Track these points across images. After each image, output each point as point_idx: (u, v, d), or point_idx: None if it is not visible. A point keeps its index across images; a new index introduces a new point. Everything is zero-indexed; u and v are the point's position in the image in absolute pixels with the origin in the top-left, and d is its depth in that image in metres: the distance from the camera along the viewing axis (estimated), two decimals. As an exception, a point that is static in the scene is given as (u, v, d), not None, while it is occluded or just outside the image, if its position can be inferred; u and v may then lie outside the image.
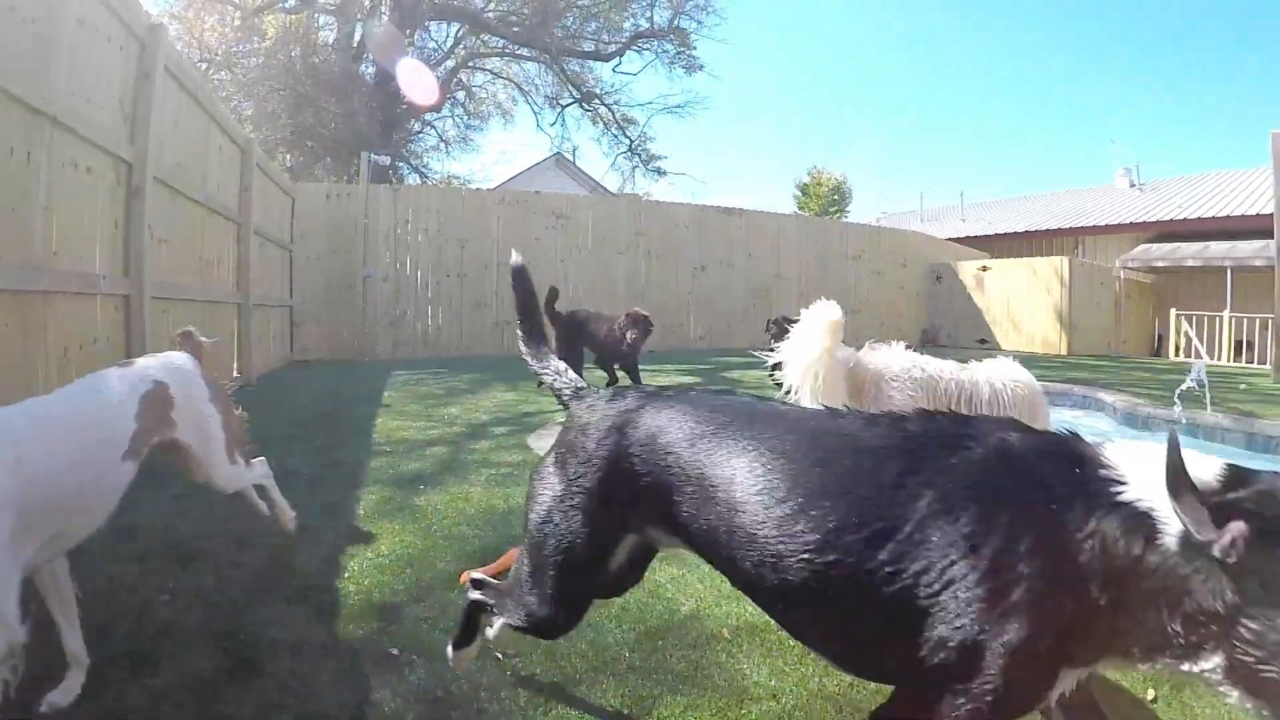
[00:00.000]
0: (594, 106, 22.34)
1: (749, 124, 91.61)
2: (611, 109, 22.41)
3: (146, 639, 2.11)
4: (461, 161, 65.30)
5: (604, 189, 23.16)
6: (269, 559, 2.73)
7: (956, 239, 21.11)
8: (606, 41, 21.81)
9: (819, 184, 34.64)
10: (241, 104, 17.83)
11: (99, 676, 1.80)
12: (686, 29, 21.36)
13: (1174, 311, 15.62)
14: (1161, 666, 1.07)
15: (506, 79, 22.93)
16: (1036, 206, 24.75)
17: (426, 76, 18.90)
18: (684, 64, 21.63)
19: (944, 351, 12.85)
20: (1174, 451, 0.99)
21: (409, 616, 2.32)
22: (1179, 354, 15.22)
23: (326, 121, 18.18)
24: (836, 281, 15.33)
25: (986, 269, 16.42)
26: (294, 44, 18.17)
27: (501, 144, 76.31)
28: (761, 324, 8.82)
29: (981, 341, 15.83)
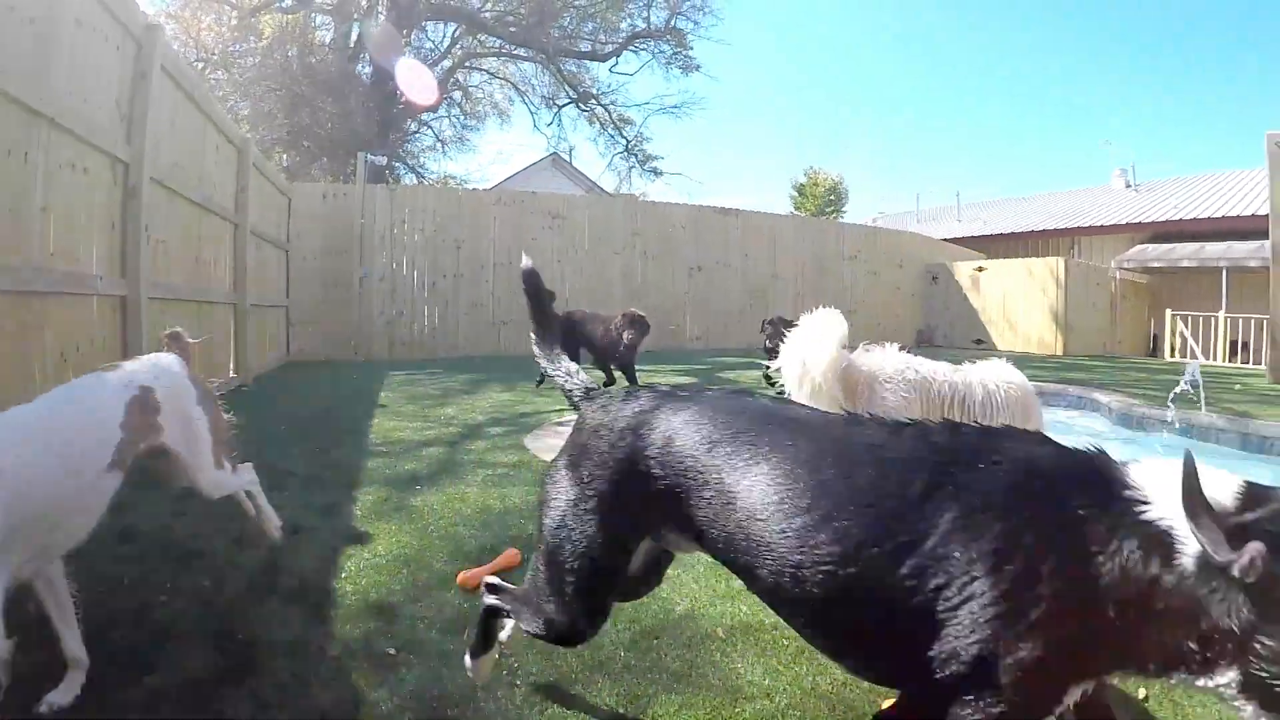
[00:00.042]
0: (591, 107, 22.39)
1: (745, 124, 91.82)
2: (608, 109, 22.46)
3: (145, 639, 2.12)
4: (458, 161, 65.24)
5: (600, 189, 23.17)
6: (266, 559, 2.74)
7: (952, 239, 21.18)
8: (603, 42, 21.86)
9: (815, 184, 34.69)
10: (238, 104, 17.82)
11: (98, 676, 1.81)
12: (683, 29, 21.48)
13: (1169, 312, 15.68)
14: (1176, 681, 1.09)
15: (503, 79, 22.97)
16: (1032, 207, 24.84)
17: (425, 75, 18.91)
18: (681, 64, 21.72)
19: (940, 352, 12.89)
20: (1190, 476, 1.00)
21: (406, 616, 2.33)
22: (1174, 354, 15.27)
23: (323, 121, 18.18)
24: (832, 282, 15.40)
25: (982, 269, 16.46)
26: (291, 44, 18.15)
27: (498, 144, 76.60)
28: (758, 324, 8.90)
29: (977, 342, 15.87)
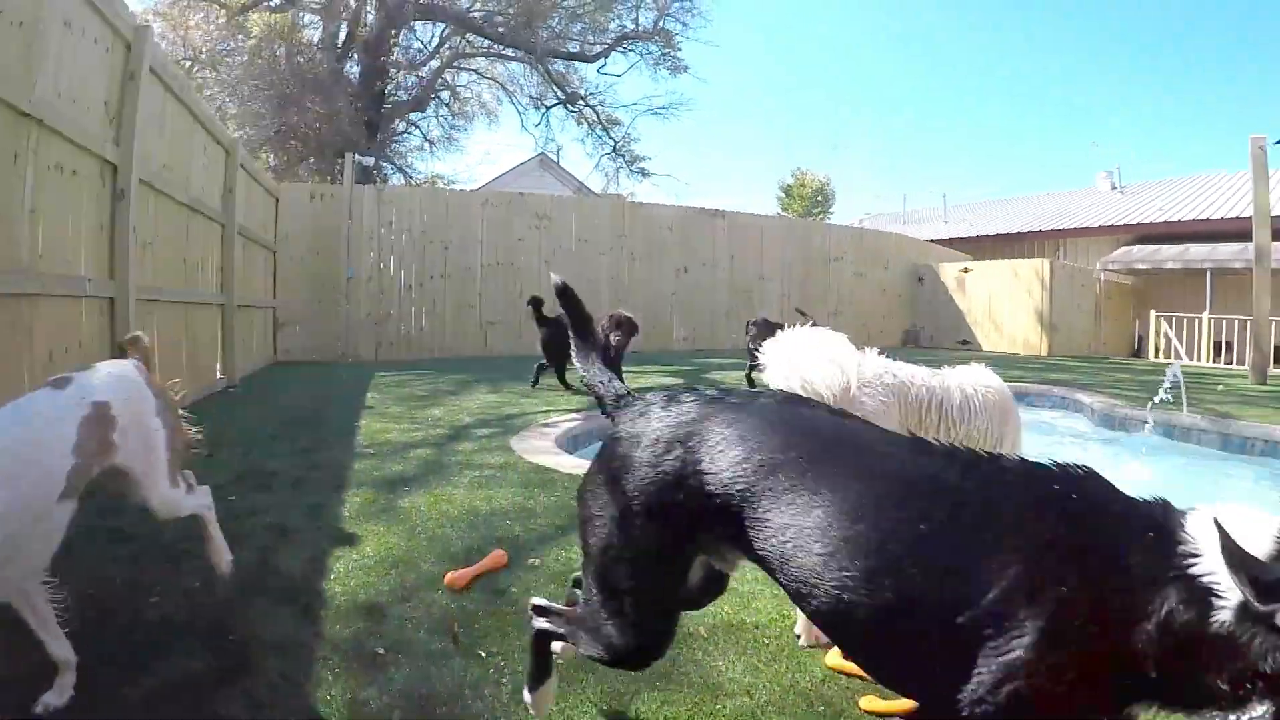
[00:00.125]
0: (578, 107, 22.34)
1: (733, 126, 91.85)
2: (596, 110, 22.41)
3: (137, 640, 2.14)
4: (446, 161, 65.31)
5: (588, 190, 23.17)
6: (256, 560, 2.76)
7: (939, 240, 21.31)
8: (591, 43, 21.83)
9: (803, 185, 34.90)
10: (226, 103, 17.72)
11: (92, 677, 1.83)
12: (671, 31, 21.44)
13: (1154, 313, 15.87)
14: (1206, 719, 1.12)
15: (491, 79, 22.88)
16: (1018, 209, 25.05)
17: None
18: (669, 65, 21.68)
19: (926, 353, 12.98)
20: (1227, 538, 1.03)
21: (394, 616, 2.36)
22: (1159, 355, 15.47)
23: (311, 121, 18.09)
24: (819, 283, 15.50)
25: (968, 270, 16.59)
26: (279, 42, 18.07)
27: (486, 144, 76.24)
28: (743, 326, 8.95)
29: (963, 342, 16.00)
